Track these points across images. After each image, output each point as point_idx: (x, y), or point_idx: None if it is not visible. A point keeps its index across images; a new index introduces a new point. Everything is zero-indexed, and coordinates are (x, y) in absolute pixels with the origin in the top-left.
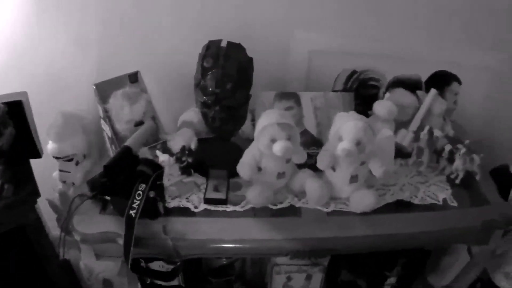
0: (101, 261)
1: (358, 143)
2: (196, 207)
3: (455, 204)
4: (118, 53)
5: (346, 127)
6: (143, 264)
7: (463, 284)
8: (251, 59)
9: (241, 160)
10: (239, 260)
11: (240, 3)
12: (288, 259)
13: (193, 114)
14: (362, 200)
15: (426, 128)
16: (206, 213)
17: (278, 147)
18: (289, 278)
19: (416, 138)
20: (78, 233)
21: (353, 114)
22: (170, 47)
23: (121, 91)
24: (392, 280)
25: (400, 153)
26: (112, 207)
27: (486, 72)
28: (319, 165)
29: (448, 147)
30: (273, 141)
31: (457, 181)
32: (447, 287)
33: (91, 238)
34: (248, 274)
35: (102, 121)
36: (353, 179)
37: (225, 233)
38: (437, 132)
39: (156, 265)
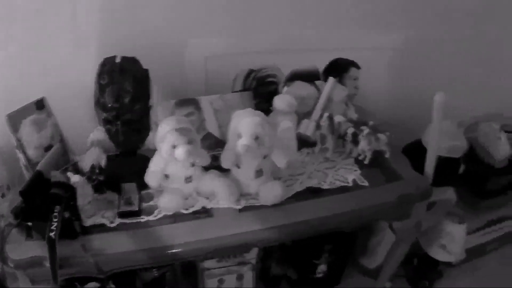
0: (36, 286)
1: (256, 138)
2: (112, 222)
3: (365, 183)
4: (24, 81)
5: (243, 123)
6: (79, 286)
7: (396, 262)
8: (146, 70)
9: (147, 170)
10: (170, 271)
11: (131, 17)
12: (216, 262)
13: (100, 133)
14: (270, 192)
15: (325, 115)
16: (122, 227)
17: (179, 152)
18: (221, 281)
19: (318, 126)
20: (11, 260)
21: (249, 110)
22: (70, 68)
23: (29, 119)
24: (322, 267)
25: (306, 143)
26: (35, 231)
27: (386, 52)
28: (224, 164)
29: (350, 130)
30: (174, 147)
31: (366, 162)
32: (379, 267)
33: (22, 264)
34: (180, 284)
35: (17, 150)
36: (258, 173)
37: (143, 243)
38: (338, 118)
39: (92, 286)
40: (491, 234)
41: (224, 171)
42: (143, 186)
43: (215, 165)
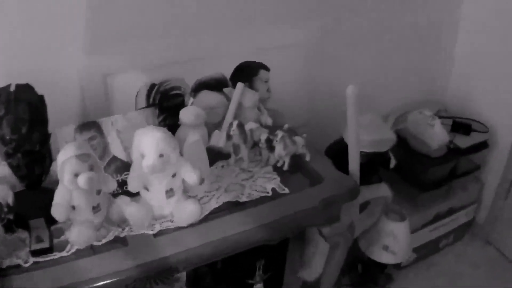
0: None
1: (161, 155)
2: (26, 262)
3: (286, 190)
4: None
5: (144, 142)
6: None
7: (335, 270)
8: (42, 96)
9: (52, 203)
10: None
11: (21, 41)
12: None
13: (4, 168)
14: (184, 212)
15: (235, 123)
16: (37, 266)
17: (82, 180)
18: None
19: (229, 136)
20: None
21: (150, 127)
22: None
23: None
24: (259, 286)
25: (220, 155)
26: None
27: (298, 49)
28: (131, 188)
29: (264, 136)
30: (77, 175)
31: (285, 168)
32: (320, 278)
33: None
34: None
35: None
36: (169, 193)
37: (60, 281)
38: (250, 125)
39: None
40: (441, 228)
41: (135, 195)
42: (52, 220)
43: (125, 190)
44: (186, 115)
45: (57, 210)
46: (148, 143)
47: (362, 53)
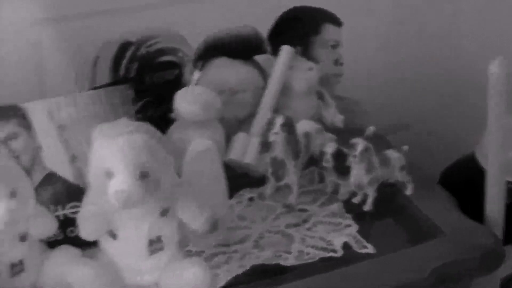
0: None
1: (143, 175)
2: None
3: (369, 249)
4: None
5: (113, 150)
6: None
7: None
8: None
9: None
10: None
11: None
12: None
13: None
14: (181, 280)
15: (279, 120)
16: None
17: None
18: None
19: (266, 144)
20: None
21: (122, 124)
22: None
23: None
24: None
25: (246, 178)
26: None
27: None
28: (84, 234)
29: (330, 148)
30: None
31: (367, 207)
32: None
33: None
34: None
35: None
36: (155, 244)
37: None
38: (306, 125)
39: None
40: None
41: (88, 247)
42: None
43: (70, 236)
44: (185, 102)
45: None
46: (120, 152)
47: None
